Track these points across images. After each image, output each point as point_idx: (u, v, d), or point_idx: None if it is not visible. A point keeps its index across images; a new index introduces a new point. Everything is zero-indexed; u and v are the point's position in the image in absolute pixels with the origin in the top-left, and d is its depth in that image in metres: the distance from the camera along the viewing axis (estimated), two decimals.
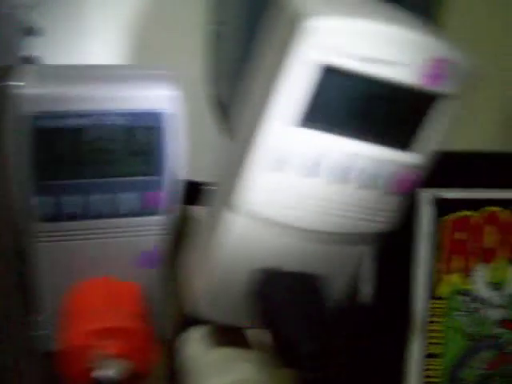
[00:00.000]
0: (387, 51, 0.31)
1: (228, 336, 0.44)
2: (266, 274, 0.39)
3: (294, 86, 0.32)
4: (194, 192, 0.45)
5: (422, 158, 0.37)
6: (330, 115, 0.34)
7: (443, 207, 0.70)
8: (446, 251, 0.71)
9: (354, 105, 0.34)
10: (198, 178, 0.47)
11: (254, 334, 0.46)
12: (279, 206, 0.36)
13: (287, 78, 0.32)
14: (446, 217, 0.71)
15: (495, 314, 0.74)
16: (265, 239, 0.38)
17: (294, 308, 0.37)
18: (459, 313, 0.73)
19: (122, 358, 0.43)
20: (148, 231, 0.47)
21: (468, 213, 0.71)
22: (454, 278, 0.72)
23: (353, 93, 0.33)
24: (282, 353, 0.36)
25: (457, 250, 0.71)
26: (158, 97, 0.42)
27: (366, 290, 0.76)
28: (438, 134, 0.36)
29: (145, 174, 0.45)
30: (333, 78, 0.32)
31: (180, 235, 0.44)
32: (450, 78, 0.33)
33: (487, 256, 0.73)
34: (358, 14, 0.32)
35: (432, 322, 0.72)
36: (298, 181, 0.35)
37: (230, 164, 0.38)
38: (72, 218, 0.44)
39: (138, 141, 0.43)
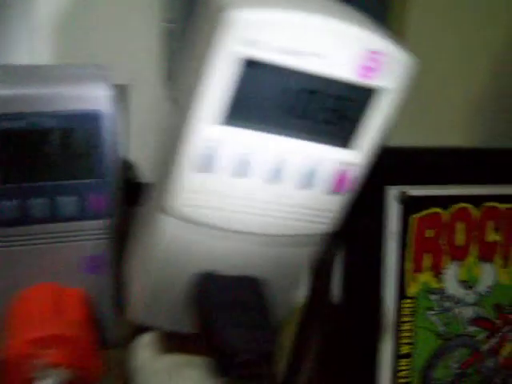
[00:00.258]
0: (315, 43, 0.30)
1: (177, 342, 0.43)
2: (202, 277, 0.37)
3: (216, 82, 0.30)
4: (141, 193, 0.43)
5: (362, 156, 0.35)
6: (255, 112, 0.32)
7: (411, 205, 0.69)
8: (415, 250, 0.69)
9: (282, 100, 0.32)
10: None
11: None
12: (210, 208, 0.34)
13: (210, 73, 0.30)
14: (415, 215, 0.69)
15: (468, 313, 0.73)
16: (200, 242, 0.36)
17: (230, 313, 0.35)
18: (431, 312, 0.71)
19: (64, 368, 0.42)
20: (91, 235, 0.46)
21: (437, 210, 0.70)
22: (425, 277, 0.71)
23: (279, 88, 0.32)
24: (218, 360, 0.35)
25: (427, 248, 0.70)
26: (93, 96, 0.41)
27: (336, 291, 0.75)
28: (377, 130, 0.34)
29: (83, 177, 0.43)
30: (256, 73, 0.30)
31: (124, 239, 0.43)
32: (385, 72, 0.32)
33: (458, 254, 0.71)
34: (284, 5, 0.30)
35: (403, 321, 0.70)
36: (227, 181, 0.34)
37: (161, 165, 0.37)
38: (10, 223, 0.42)
39: (74, 143, 0.41)
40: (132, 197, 0.41)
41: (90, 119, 0.40)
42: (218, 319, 0.34)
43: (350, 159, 0.34)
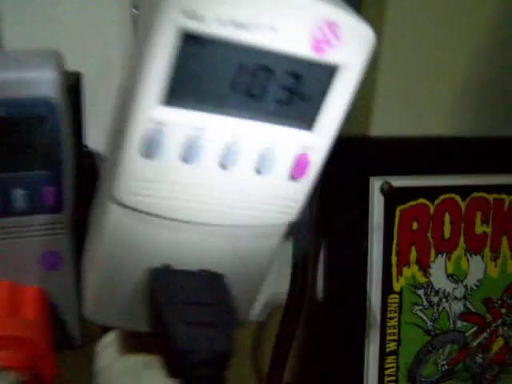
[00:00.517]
0: (265, 16, 0.27)
1: (141, 341, 0.40)
2: (156, 272, 0.35)
3: (158, 59, 0.28)
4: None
5: (323, 139, 0.32)
6: (204, 91, 0.29)
7: (396, 196, 0.66)
8: (401, 243, 0.67)
9: (233, 79, 0.29)
10: None
11: None
12: (159, 197, 0.32)
13: (151, 50, 0.28)
14: (400, 206, 0.67)
15: (456, 307, 0.71)
16: (152, 234, 0.34)
17: (184, 310, 0.33)
18: (418, 307, 0.69)
19: (17, 370, 0.39)
20: (47, 230, 0.43)
21: (423, 201, 0.67)
22: (411, 271, 0.68)
23: (229, 65, 0.29)
24: (170, 361, 0.32)
25: (413, 240, 0.68)
26: (41, 82, 0.38)
27: (319, 287, 0.73)
28: (339, 110, 0.32)
29: (36, 168, 0.40)
30: (202, 48, 0.28)
31: (84, 233, 0.40)
32: (344, 46, 0.29)
33: (446, 246, 0.69)
34: None
35: (389, 317, 0.68)
36: (177, 167, 0.31)
37: (109, 151, 0.34)
38: None
39: (24, 131, 0.39)
40: (92, 188, 0.38)
41: (38, 106, 0.38)
42: (170, 317, 0.32)
43: (310, 142, 0.31)
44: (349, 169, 0.66)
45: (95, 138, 0.47)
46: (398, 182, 0.65)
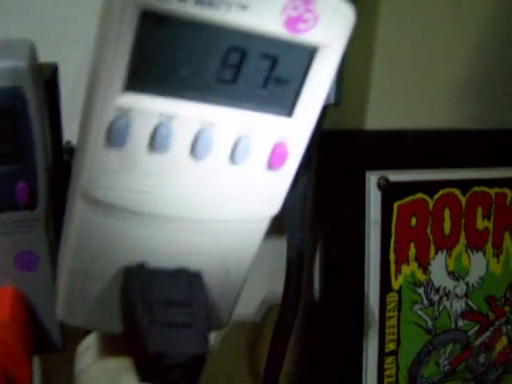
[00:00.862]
0: None
1: (120, 343, 0.38)
2: (130, 271, 0.33)
3: (118, 42, 0.26)
4: None
5: (302, 125, 0.30)
6: (171, 75, 0.27)
7: (394, 191, 0.64)
8: (399, 239, 0.65)
9: (202, 61, 0.27)
10: None
11: None
12: (128, 190, 0.30)
13: (110, 32, 0.26)
14: (398, 202, 0.64)
15: (458, 306, 0.68)
16: (124, 230, 0.32)
17: (157, 311, 0.30)
18: (418, 306, 0.67)
19: None
20: (20, 228, 0.41)
21: (422, 196, 0.65)
22: (411, 268, 0.66)
23: (197, 46, 0.27)
24: (145, 364, 0.30)
25: (412, 237, 0.65)
26: (10, 72, 0.36)
27: (315, 285, 0.71)
28: (318, 95, 0.29)
29: (6, 162, 0.38)
30: (166, 29, 0.26)
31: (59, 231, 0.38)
32: (321, 25, 0.27)
33: (446, 243, 0.67)
34: None
35: (388, 317, 0.66)
36: (145, 158, 0.29)
37: (77, 146, 0.32)
38: None
39: None
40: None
41: (8, 97, 0.36)
42: (143, 318, 0.30)
43: (289, 129, 0.29)
44: (344, 163, 0.64)
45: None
46: (396, 176, 0.63)
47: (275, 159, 0.30)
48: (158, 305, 0.31)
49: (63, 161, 0.47)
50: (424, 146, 0.65)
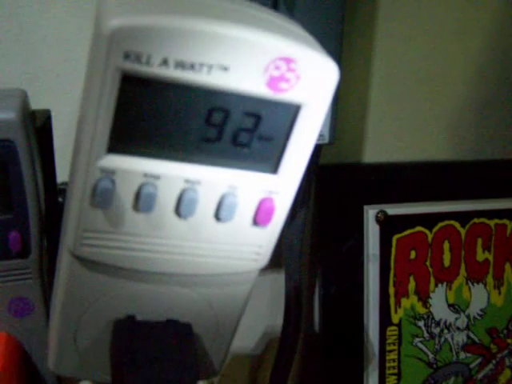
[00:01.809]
0: (214, 54, 0.25)
1: None
2: (119, 324, 0.33)
3: (101, 103, 0.26)
4: None
5: (287, 181, 0.30)
6: (155, 136, 0.27)
7: (392, 224, 0.64)
8: (399, 272, 0.64)
9: (186, 122, 0.27)
10: None
11: None
12: (116, 248, 0.30)
13: (93, 94, 0.26)
14: (397, 235, 0.64)
15: (459, 338, 0.68)
16: (114, 285, 0.32)
17: (146, 364, 0.30)
18: (418, 339, 0.66)
19: None
20: (13, 276, 0.41)
21: (421, 229, 0.65)
22: (410, 302, 0.65)
23: (181, 107, 0.27)
24: None
25: (411, 270, 0.65)
26: (1, 124, 0.36)
27: (315, 319, 0.70)
28: (302, 151, 0.29)
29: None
30: (149, 91, 0.26)
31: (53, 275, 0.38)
32: (303, 83, 0.27)
33: (446, 275, 0.66)
34: (174, 11, 0.26)
35: (388, 350, 0.65)
36: (130, 217, 0.29)
37: (65, 205, 0.32)
38: None
39: None
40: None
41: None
42: (127, 373, 0.29)
43: (274, 186, 0.29)
44: (342, 197, 0.64)
45: None
46: (394, 209, 0.63)
47: (261, 215, 0.30)
48: (145, 362, 0.31)
49: (58, 203, 0.47)
50: (422, 179, 0.65)
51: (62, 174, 0.47)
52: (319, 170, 0.61)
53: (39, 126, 0.41)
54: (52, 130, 0.43)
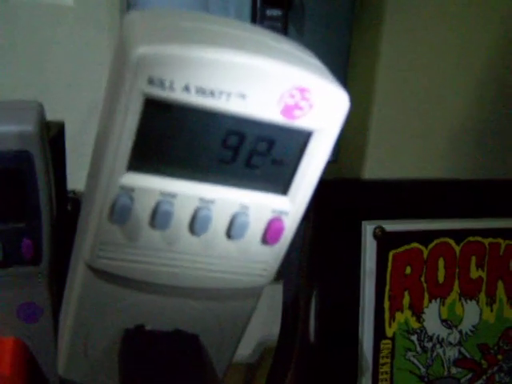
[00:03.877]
0: (232, 82, 0.27)
1: None
2: (129, 333, 0.34)
3: (124, 125, 0.27)
4: None
5: (296, 203, 0.32)
6: (173, 157, 0.29)
7: (389, 240, 0.65)
8: (394, 287, 0.66)
9: (203, 144, 0.29)
10: None
11: None
12: (131, 261, 0.31)
13: (117, 115, 0.27)
14: (393, 251, 0.66)
15: (451, 353, 0.69)
16: (125, 295, 0.34)
17: (155, 372, 0.32)
18: (411, 353, 0.68)
19: None
20: (24, 282, 0.42)
21: (417, 246, 0.66)
22: (404, 316, 0.67)
23: (199, 131, 0.28)
24: None
25: (406, 285, 0.67)
26: (19, 136, 0.38)
27: (311, 331, 0.72)
28: (312, 175, 0.31)
29: (14, 221, 0.40)
30: (165, 113, 0.27)
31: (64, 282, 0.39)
32: (315, 111, 0.28)
33: (440, 291, 0.68)
34: (197, 40, 0.27)
35: (381, 363, 0.67)
36: (146, 233, 0.30)
37: (81, 216, 0.33)
38: None
39: (2, 185, 0.38)
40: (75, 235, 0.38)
41: (16, 160, 0.38)
42: (137, 379, 0.31)
43: (284, 207, 0.31)
44: (341, 213, 0.65)
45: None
46: (391, 226, 0.65)
47: (270, 235, 0.31)
48: (153, 368, 0.32)
49: (67, 211, 0.48)
50: (419, 197, 0.67)
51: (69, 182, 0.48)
52: (319, 185, 0.62)
53: (53, 137, 0.43)
54: (65, 141, 0.44)
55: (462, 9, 0.63)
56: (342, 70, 0.51)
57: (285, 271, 0.63)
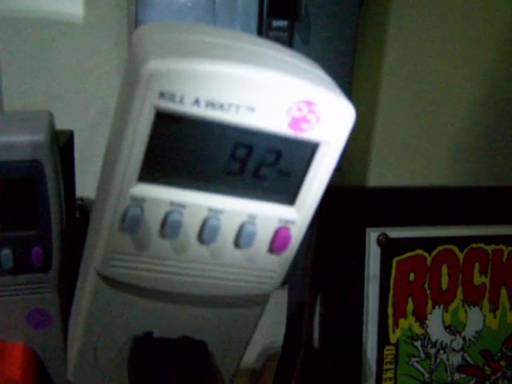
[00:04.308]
0: (241, 96, 0.27)
1: None
2: (138, 340, 0.35)
3: (135, 137, 0.28)
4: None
5: (303, 213, 0.32)
6: (183, 168, 0.30)
7: (393, 247, 0.66)
8: (398, 294, 0.66)
9: (211, 156, 0.30)
10: None
11: None
12: (139, 270, 0.32)
13: (129, 128, 0.28)
14: (397, 257, 0.66)
15: (454, 359, 0.70)
16: (135, 303, 0.34)
17: (164, 378, 0.32)
18: (415, 359, 0.68)
19: None
20: (34, 289, 0.43)
21: (421, 252, 0.67)
22: (408, 322, 0.67)
23: (207, 143, 0.29)
24: None
25: (410, 292, 0.67)
26: (30, 146, 0.38)
27: (315, 337, 0.72)
28: (319, 185, 0.31)
29: (24, 229, 0.41)
30: (180, 127, 0.28)
31: (73, 289, 0.40)
32: (322, 124, 0.29)
33: (443, 298, 0.68)
34: (206, 55, 0.28)
35: (385, 369, 0.67)
36: (156, 242, 0.31)
37: (91, 225, 0.34)
38: None
39: (12, 194, 0.39)
40: (84, 242, 0.38)
41: (27, 169, 0.38)
42: None
43: (290, 216, 0.31)
44: (345, 220, 0.66)
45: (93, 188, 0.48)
46: (395, 233, 0.65)
47: (277, 244, 0.32)
48: (161, 375, 0.33)
49: (75, 218, 0.49)
50: (423, 204, 0.67)
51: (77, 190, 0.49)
52: (324, 192, 0.63)
53: (62, 146, 0.43)
54: (74, 150, 0.45)
55: (466, 13, 0.64)
56: (347, 79, 0.51)
57: (289, 277, 0.63)
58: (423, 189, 0.68)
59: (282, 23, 0.47)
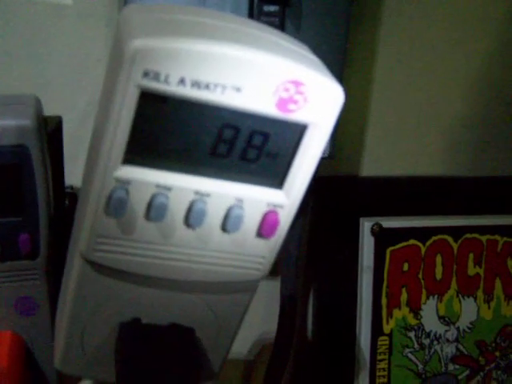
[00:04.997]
0: (227, 75, 0.27)
1: None
2: (125, 326, 0.34)
3: (119, 117, 0.28)
4: None
5: (291, 196, 0.32)
6: (168, 150, 0.29)
7: (387, 237, 0.66)
8: (391, 284, 0.66)
9: (198, 137, 0.29)
10: None
11: None
12: (126, 254, 0.32)
13: (112, 108, 0.27)
14: (391, 247, 0.66)
15: (448, 350, 0.69)
16: (121, 288, 0.34)
17: (150, 365, 0.32)
18: (409, 349, 0.68)
19: None
20: (21, 276, 0.43)
21: (415, 242, 0.66)
22: (402, 313, 0.67)
23: (193, 124, 0.29)
24: None
25: (404, 282, 0.67)
26: (16, 131, 0.38)
27: (308, 327, 0.72)
28: (307, 168, 0.31)
29: (11, 215, 0.40)
30: (165, 108, 0.27)
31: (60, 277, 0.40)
32: (310, 105, 0.29)
33: (437, 288, 0.68)
34: (192, 34, 0.27)
35: (379, 360, 0.67)
36: (142, 226, 0.31)
37: (78, 209, 0.34)
38: None
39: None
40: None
41: (13, 155, 0.38)
42: (133, 372, 0.31)
43: (279, 200, 0.31)
44: (339, 209, 0.65)
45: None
46: (389, 222, 0.65)
47: (265, 228, 0.31)
48: (148, 362, 0.32)
49: (65, 206, 0.49)
50: (417, 193, 0.67)
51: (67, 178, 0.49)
52: (317, 181, 0.62)
53: (50, 132, 0.43)
54: (62, 136, 0.45)
55: (460, 7, 0.63)
56: (339, 66, 0.51)
57: (282, 268, 0.63)
58: (418, 178, 0.68)
59: (273, 8, 0.46)
